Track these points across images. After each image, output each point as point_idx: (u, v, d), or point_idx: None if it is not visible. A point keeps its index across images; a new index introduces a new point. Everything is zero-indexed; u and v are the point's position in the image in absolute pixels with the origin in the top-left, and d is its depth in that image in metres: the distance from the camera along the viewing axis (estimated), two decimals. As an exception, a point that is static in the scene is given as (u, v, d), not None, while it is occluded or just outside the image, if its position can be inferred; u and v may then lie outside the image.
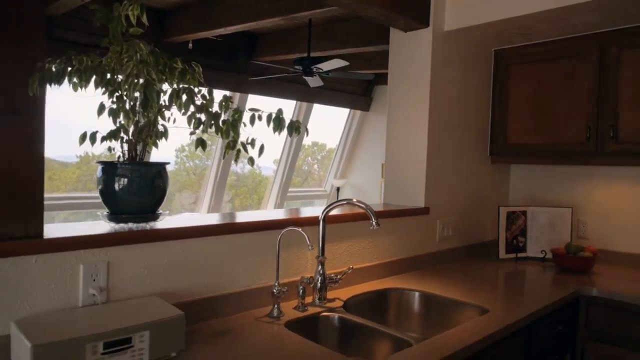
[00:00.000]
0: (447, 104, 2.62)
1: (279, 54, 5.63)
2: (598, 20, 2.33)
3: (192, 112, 1.49)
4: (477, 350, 1.50)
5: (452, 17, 2.52)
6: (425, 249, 2.50)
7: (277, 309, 1.66)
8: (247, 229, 1.69)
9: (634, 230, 2.65)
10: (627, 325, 2.07)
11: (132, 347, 1.18)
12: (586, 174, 2.83)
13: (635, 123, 2.38)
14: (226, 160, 6.56)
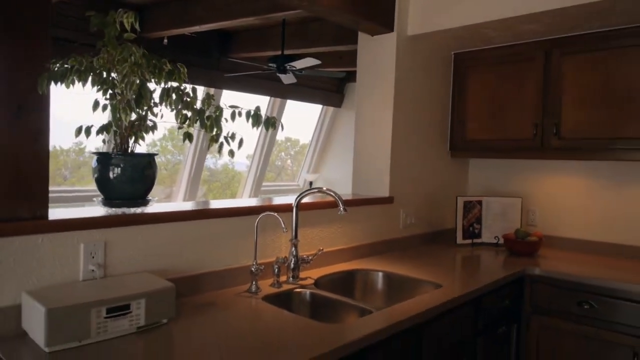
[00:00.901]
0: (411, 103, 2.85)
1: (253, 52, 5.78)
2: (542, 29, 2.60)
3: (179, 109, 1.66)
4: (429, 316, 1.73)
5: (415, 23, 2.76)
6: (389, 235, 2.74)
7: (255, 285, 1.85)
8: (228, 214, 1.88)
9: (577, 217, 2.95)
10: (564, 299, 2.36)
11: (130, 313, 1.36)
12: (535, 167, 3.12)
13: (575, 121, 2.67)
14: (200, 155, 6.68)
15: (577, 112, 2.66)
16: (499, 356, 2.35)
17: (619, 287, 2.21)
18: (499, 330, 2.30)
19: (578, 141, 2.66)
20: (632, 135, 2.48)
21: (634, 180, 2.76)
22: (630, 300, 2.18)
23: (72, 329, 1.25)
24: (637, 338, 2.16)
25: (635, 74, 2.47)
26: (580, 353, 2.31)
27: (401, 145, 2.80)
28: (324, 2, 2.28)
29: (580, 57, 2.65)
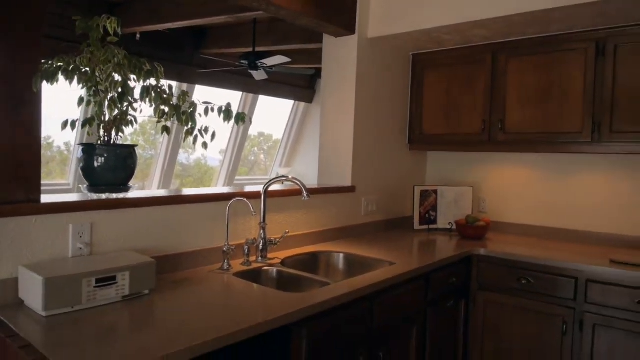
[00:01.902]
0: (372, 100, 3.10)
1: (226, 48, 5.93)
2: (490, 34, 2.88)
3: (157, 105, 1.85)
4: (381, 287, 1.97)
5: (375, 27, 3.00)
6: (351, 221, 2.98)
7: (227, 264, 2.06)
8: (202, 200, 2.09)
9: (521, 204, 3.26)
10: (506, 276, 2.65)
11: (116, 283, 1.55)
12: (484, 160, 3.42)
13: (518, 118, 2.96)
14: (173, 150, 6.79)
15: (520, 109, 2.95)
16: (448, 327, 2.62)
17: (552, 264, 2.51)
18: (448, 304, 2.57)
19: (520, 135, 2.96)
20: (567, 130, 2.78)
21: (570, 170, 3.08)
22: (561, 276, 2.48)
23: (66, 296, 1.44)
24: (566, 308, 2.47)
25: (569, 75, 2.77)
26: (520, 323, 2.61)
27: (363, 139, 3.04)
28: (290, 7, 2.49)
29: (523, 59, 2.94)
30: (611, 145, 2.66)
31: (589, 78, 2.70)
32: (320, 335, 1.70)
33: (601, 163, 2.97)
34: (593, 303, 2.40)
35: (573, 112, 2.75)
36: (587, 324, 2.41)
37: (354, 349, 1.88)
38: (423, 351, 2.38)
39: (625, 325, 2.30)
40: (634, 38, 2.57)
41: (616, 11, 2.40)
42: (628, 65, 2.59)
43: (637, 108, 2.56)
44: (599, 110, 2.67)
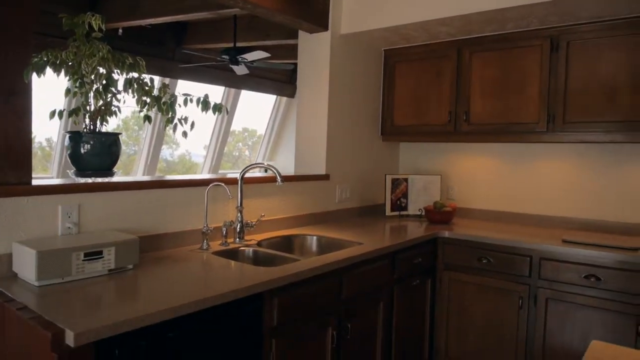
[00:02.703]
0: (345, 93, 3.27)
1: (207, 43, 6.04)
2: (454, 30, 3.07)
3: (139, 96, 2.00)
4: (348, 263, 2.15)
5: (346, 24, 3.17)
6: (326, 207, 3.16)
7: (206, 244, 2.22)
8: (183, 184, 2.24)
9: (486, 191, 3.47)
10: (468, 256, 2.85)
11: (102, 258, 1.71)
12: (452, 149, 3.62)
13: (481, 110, 3.16)
14: (155, 146, 6.88)
15: (482, 101, 3.15)
16: (415, 303, 2.82)
17: (510, 244, 2.72)
18: (414, 282, 2.77)
19: (483, 126, 3.16)
20: (525, 121, 2.99)
21: (529, 159, 3.29)
22: (517, 255, 2.69)
23: (56, 268, 1.59)
24: (522, 285, 2.68)
25: (526, 70, 2.97)
26: (481, 299, 2.82)
27: (336, 130, 3.22)
28: (265, 5, 2.65)
29: (485, 55, 3.14)
30: (564, 134, 2.87)
31: (544, 72, 2.91)
32: (291, 303, 1.87)
33: (557, 151, 3.19)
34: (545, 279, 2.61)
35: (530, 104, 2.96)
36: (540, 298, 2.63)
37: (323, 318, 2.06)
38: (390, 325, 2.57)
39: (574, 299, 2.52)
40: (584, 35, 2.78)
41: (565, 11, 2.61)
42: (579, 60, 2.80)
43: (587, 100, 2.78)
44: (553, 102, 2.89)
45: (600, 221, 3.01)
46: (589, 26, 2.76)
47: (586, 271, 2.48)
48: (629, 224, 2.92)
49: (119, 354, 1.31)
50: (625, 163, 2.96)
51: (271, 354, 1.82)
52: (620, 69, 2.68)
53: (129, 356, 1.34)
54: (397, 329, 2.63)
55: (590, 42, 2.77)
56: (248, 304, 1.70)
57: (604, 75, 2.73)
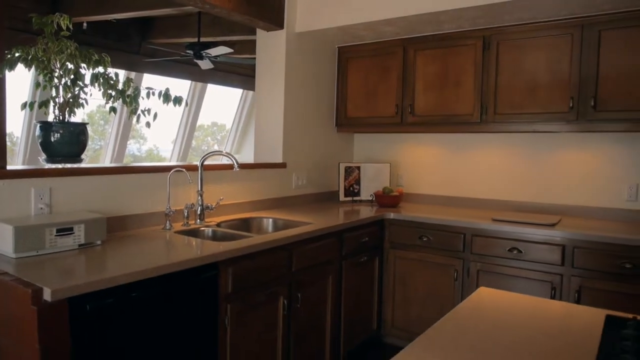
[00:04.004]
0: (301, 87, 3.53)
1: (172, 38, 6.18)
2: (398, 30, 3.36)
3: (105, 89, 2.21)
4: (297, 240, 2.42)
5: (301, 23, 3.42)
6: (283, 193, 3.42)
7: (169, 224, 2.45)
8: (147, 170, 2.45)
9: (430, 178, 3.80)
10: (411, 235, 3.16)
11: (73, 234, 1.92)
12: (401, 139, 3.93)
13: (424, 102, 3.47)
14: (122, 140, 6.97)
15: (425, 95, 3.46)
16: (364, 278, 3.11)
17: (446, 224, 3.03)
18: (362, 259, 3.06)
19: (426, 118, 3.47)
20: (461, 113, 3.32)
21: (466, 147, 3.63)
22: (453, 232, 3.01)
23: (31, 242, 1.79)
24: (457, 259, 3.00)
25: (462, 66, 3.29)
26: (422, 274, 3.13)
27: (293, 121, 3.47)
28: (222, 5, 2.87)
29: (427, 52, 3.45)
30: (495, 125, 3.21)
31: (477, 69, 3.23)
32: (245, 273, 2.12)
33: (490, 141, 3.53)
34: (477, 253, 2.94)
35: (466, 97, 3.29)
36: (472, 270, 2.96)
37: (275, 288, 2.32)
38: (339, 296, 2.85)
39: (500, 270, 2.86)
40: (511, 36, 3.11)
41: (491, 14, 2.93)
42: (507, 58, 3.14)
43: (514, 94, 3.12)
44: (485, 96, 3.21)
45: (527, 202, 3.38)
46: (514, 28, 3.09)
47: (510, 245, 2.82)
48: (550, 204, 3.29)
49: (89, 309, 1.54)
50: (547, 150, 3.32)
51: (226, 318, 2.06)
52: (540, 66, 3.02)
53: (98, 311, 1.57)
54: (346, 300, 2.91)
55: (516, 42, 3.10)
56: (205, 272, 1.95)
57: (527, 72, 3.07)
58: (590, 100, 2.86)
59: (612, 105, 2.82)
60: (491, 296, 1.47)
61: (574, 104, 2.91)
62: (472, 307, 1.36)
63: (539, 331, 1.20)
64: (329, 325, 2.77)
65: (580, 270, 2.62)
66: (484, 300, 1.43)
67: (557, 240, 2.69)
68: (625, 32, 2.77)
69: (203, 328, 1.96)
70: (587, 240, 2.60)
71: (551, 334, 1.18)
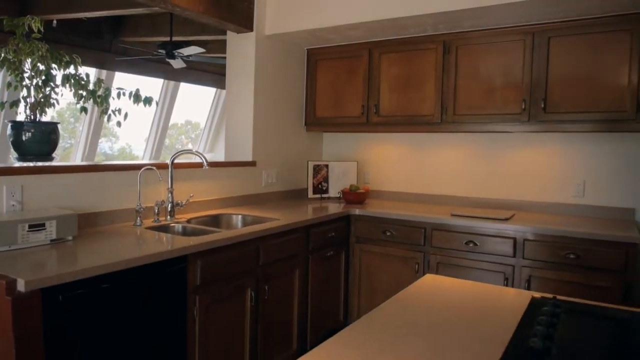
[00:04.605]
0: (270, 87, 3.64)
1: (144, 36, 6.19)
2: (363, 34, 3.50)
3: (76, 89, 2.28)
4: (264, 234, 2.53)
5: (270, 25, 3.53)
6: (252, 191, 3.52)
7: (140, 221, 2.53)
8: (118, 168, 2.53)
9: (395, 175, 3.96)
10: (375, 230, 3.31)
11: (45, 229, 1.99)
12: (368, 138, 4.08)
13: (389, 104, 3.62)
14: (93, 138, 6.92)
15: (390, 96, 3.62)
16: (331, 271, 3.24)
17: (408, 219, 3.19)
18: (328, 254, 3.19)
19: (391, 118, 3.63)
20: (423, 113, 3.48)
21: (428, 146, 3.81)
22: (414, 227, 3.17)
23: (4, 237, 1.86)
24: (418, 252, 3.17)
25: (424, 69, 3.46)
26: (386, 267, 3.29)
27: (262, 121, 3.58)
28: (192, 8, 2.95)
29: (391, 55, 3.60)
30: (454, 125, 3.39)
31: (438, 72, 3.40)
32: (213, 266, 2.23)
33: (451, 140, 3.72)
34: (436, 247, 3.11)
35: (427, 99, 3.46)
36: (432, 263, 3.13)
37: (243, 280, 2.43)
38: (306, 288, 2.98)
39: (458, 262, 3.04)
40: (469, 41, 3.29)
41: (450, 20, 3.10)
42: (465, 62, 3.31)
43: (471, 96, 3.30)
44: (445, 98, 3.39)
45: (484, 198, 3.57)
46: (472, 34, 3.27)
47: (467, 239, 3.00)
48: (506, 200, 3.49)
49: (62, 299, 1.62)
50: (503, 149, 3.52)
51: (195, 309, 2.17)
52: (495, 70, 3.21)
53: (70, 301, 1.66)
54: (313, 292, 3.04)
55: (473, 47, 3.28)
56: (174, 264, 2.05)
57: (483, 75, 3.25)
58: (540, 102, 3.06)
59: (560, 107, 3.02)
60: (434, 281, 1.63)
61: (526, 106, 3.11)
62: (414, 291, 1.51)
63: (469, 310, 1.35)
64: (296, 316, 2.90)
65: (530, 261, 2.82)
66: (427, 285, 1.58)
67: (509, 233, 2.88)
68: (571, 40, 2.97)
69: (172, 319, 2.06)
70: (536, 233, 2.79)
71: (481, 312, 1.34)
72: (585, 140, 3.25)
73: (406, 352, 1.06)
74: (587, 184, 3.26)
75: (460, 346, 1.10)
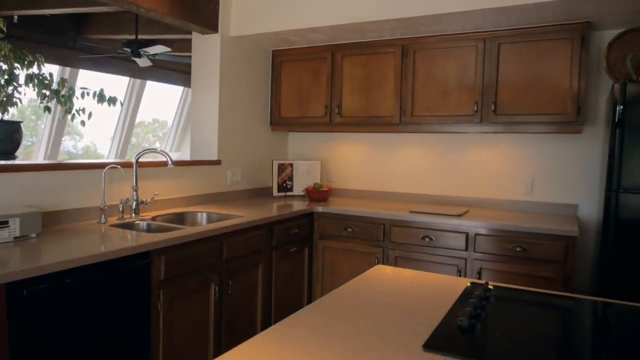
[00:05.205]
0: (235, 87, 3.71)
1: (109, 34, 6.13)
2: (326, 37, 3.62)
3: (40, 89, 2.31)
4: (228, 231, 2.62)
5: (235, 27, 3.61)
6: (218, 189, 3.60)
7: (104, 218, 2.58)
8: (82, 167, 2.57)
9: (358, 174, 4.10)
10: (337, 227, 3.43)
11: (8, 227, 2.02)
12: (331, 138, 4.21)
13: (351, 104, 3.75)
14: (56, 136, 6.81)
15: (352, 97, 3.75)
16: (295, 267, 3.35)
17: (368, 215, 3.33)
18: (292, 250, 3.30)
19: (353, 118, 3.76)
20: (383, 114, 3.63)
21: (389, 145, 3.96)
22: (374, 223, 3.31)
23: (-33, 235, 1.89)
24: (377, 247, 3.31)
25: (384, 72, 3.60)
26: (348, 262, 3.41)
27: (228, 121, 3.65)
28: (157, 9, 3.00)
29: (353, 58, 3.73)
30: (412, 126, 3.54)
31: (397, 74, 3.55)
32: (177, 261, 2.30)
33: (410, 140, 3.88)
34: (395, 242, 3.26)
35: (387, 100, 3.60)
36: (391, 257, 3.27)
37: (207, 275, 2.51)
38: (270, 283, 3.08)
39: (415, 256, 3.19)
40: (425, 45, 3.45)
41: (406, 26, 3.25)
42: (422, 66, 3.48)
43: (428, 98, 3.46)
44: (404, 99, 3.54)
45: (442, 196, 3.75)
46: (428, 39, 3.44)
47: (423, 234, 3.16)
48: (461, 197, 3.68)
49: (26, 294, 1.68)
50: (459, 149, 3.71)
51: (159, 303, 2.24)
52: (450, 73, 3.38)
53: (34, 296, 1.71)
54: (277, 287, 3.14)
55: (430, 51, 3.45)
56: (138, 260, 2.11)
57: (439, 78, 3.42)
58: (491, 104, 3.25)
59: (509, 110, 3.21)
60: (383, 271, 1.76)
61: (478, 108, 3.29)
62: (364, 280, 1.63)
63: (411, 296, 1.48)
64: (260, 310, 2.99)
65: (481, 254, 2.99)
66: (375, 275, 1.71)
67: (462, 228, 3.05)
68: (519, 47, 3.17)
69: (136, 312, 2.13)
70: (487, 228, 2.97)
71: (421, 297, 1.47)
72: (533, 140, 3.46)
73: (348, 330, 1.18)
74: (535, 182, 3.47)
75: (398, 325, 1.22)
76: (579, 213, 3.34)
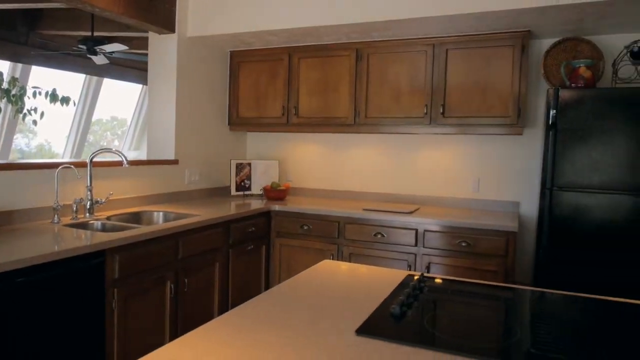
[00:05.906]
0: (193, 87, 3.74)
1: (64, 30, 5.98)
2: (282, 39, 3.70)
3: (-11, 88, 2.29)
4: (183, 229, 2.66)
5: (192, 28, 3.64)
6: (175, 188, 3.62)
7: (57, 218, 2.57)
8: (34, 167, 2.55)
9: (315, 173, 4.20)
10: (293, 225, 3.52)
11: (-43, 227, 2.01)
12: (288, 138, 4.30)
13: (307, 105, 3.85)
14: (7, 135, 6.58)
15: (308, 98, 3.85)
16: (252, 264, 3.42)
17: (323, 213, 3.43)
18: (249, 248, 3.37)
19: (309, 119, 3.86)
20: (338, 115, 3.74)
21: (345, 146, 4.08)
22: (329, 221, 3.42)
23: None
24: (333, 244, 3.42)
25: (339, 74, 3.72)
26: (304, 258, 3.51)
27: (185, 120, 3.68)
28: (112, 9, 3.01)
29: (310, 60, 3.83)
30: (366, 127, 3.67)
31: (351, 77, 3.67)
32: (132, 260, 2.33)
33: (365, 141, 4.01)
34: (349, 239, 3.37)
35: (342, 102, 3.72)
36: (345, 254, 3.39)
37: (162, 273, 2.55)
38: (227, 281, 3.14)
39: (368, 252, 3.32)
40: (379, 50, 3.59)
41: (361, 30, 3.37)
42: (376, 69, 3.61)
43: (381, 100, 3.60)
44: (358, 101, 3.67)
45: (394, 194, 3.90)
46: (381, 43, 3.57)
47: (376, 231, 3.29)
48: (413, 195, 3.84)
49: (-24, 293, 1.69)
50: (410, 149, 3.87)
51: (114, 301, 2.27)
52: (402, 77, 3.53)
53: (-15, 295, 1.72)
54: (234, 285, 3.21)
55: (382, 55, 3.58)
56: (92, 259, 2.14)
57: (392, 81, 3.56)
58: (439, 107, 3.41)
59: (457, 112, 3.39)
60: (328, 266, 1.86)
61: (427, 110, 3.45)
62: (310, 274, 1.73)
63: (352, 288, 1.59)
64: (217, 307, 3.05)
65: (429, 250, 3.15)
66: (321, 269, 1.81)
67: (412, 225, 3.20)
68: (466, 52, 3.34)
69: (91, 311, 2.15)
70: (434, 224, 3.13)
71: (361, 289, 1.58)
72: (480, 141, 3.66)
73: (289, 319, 1.27)
74: (481, 180, 3.67)
75: (336, 314, 1.32)
76: (521, 210, 3.56)
